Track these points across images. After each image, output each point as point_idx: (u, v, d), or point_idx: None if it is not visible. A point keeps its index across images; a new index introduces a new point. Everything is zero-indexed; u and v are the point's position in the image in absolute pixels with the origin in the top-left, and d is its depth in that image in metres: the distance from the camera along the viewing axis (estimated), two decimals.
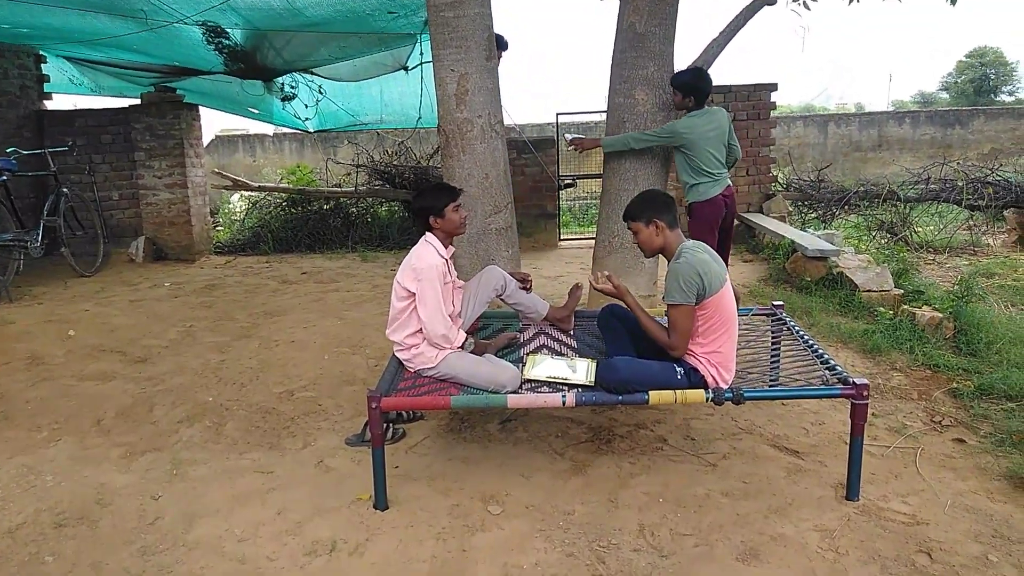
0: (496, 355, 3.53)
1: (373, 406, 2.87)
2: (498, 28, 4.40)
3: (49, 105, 8.03)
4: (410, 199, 3.38)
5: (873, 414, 3.68)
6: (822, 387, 2.97)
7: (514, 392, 3.11)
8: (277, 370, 4.39)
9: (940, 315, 4.65)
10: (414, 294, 3.20)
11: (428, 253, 3.25)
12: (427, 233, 3.36)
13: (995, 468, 3.19)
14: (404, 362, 3.33)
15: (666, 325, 3.05)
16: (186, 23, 5.89)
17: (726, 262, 4.75)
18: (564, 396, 2.89)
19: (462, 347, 3.32)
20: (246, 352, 4.69)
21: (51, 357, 4.59)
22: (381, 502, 2.95)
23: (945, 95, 34.45)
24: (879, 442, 3.45)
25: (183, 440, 3.59)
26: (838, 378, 2.99)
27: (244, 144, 16.07)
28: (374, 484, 2.94)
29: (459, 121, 4.31)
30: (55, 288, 6.35)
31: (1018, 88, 33.12)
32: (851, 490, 2.94)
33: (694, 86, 4.40)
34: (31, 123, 7.70)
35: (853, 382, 2.86)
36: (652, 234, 3.11)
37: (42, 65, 7.87)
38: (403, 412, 3.67)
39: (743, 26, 4.60)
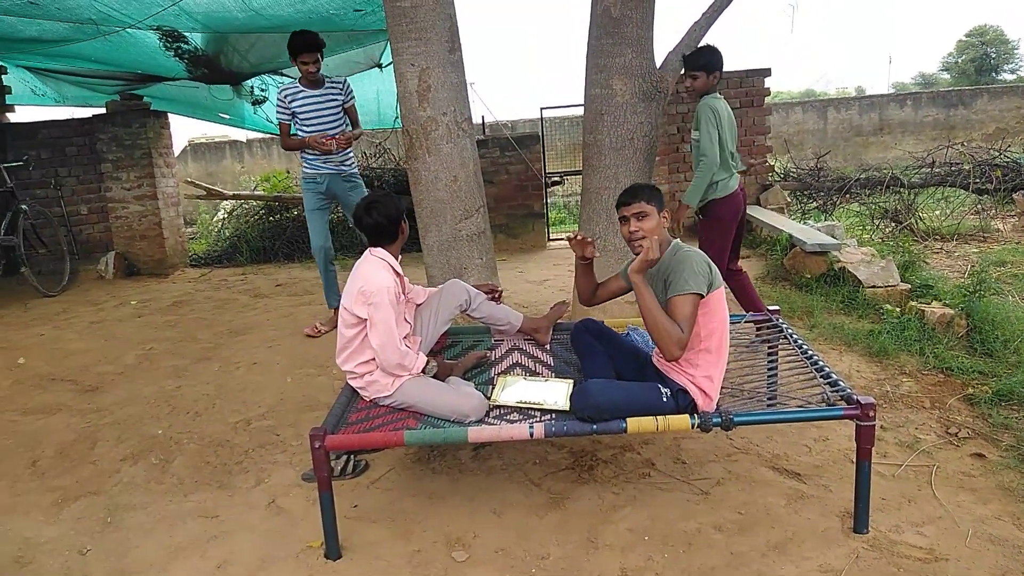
0: (464, 376, 3.22)
1: (316, 445, 2.54)
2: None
3: (12, 117, 7.71)
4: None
5: (882, 427, 3.34)
6: (823, 408, 2.63)
7: (479, 421, 2.79)
8: (235, 396, 4.07)
9: (951, 311, 4.31)
10: (364, 319, 2.87)
11: (378, 273, 2.91)
12: (374, 248, 3.02)
13: (1020, 488, 2.85)
14: (358, 390, 3.00)
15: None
16: (139, 28, 5.56)
17: (737, 261, 4.42)
18: (532, 428, 2.56)
19: (423, 371, 2.99)
20: (204, 376, 4.37)
21: None
22: (333, 551, 2.62)
23: (946, 75, 34.02)
24: (889, 460, 3.11)
25: (124, 481, 3.27)
26: (841, 396, 2.66)
27: (231, 150, 15.78)
28: (324, 531, 2.62)
29: (423, 120, 3.99)
30: (14, 310, 6.04)
31: (1020, 66, 32.72)
32: (859, 521, 2.60)
33: (720, 62, 4.06)
34: None
35: (857, 401, 2.53)
36: (661, 223, 2.81)
37: (2, 76, 7.54)
38: None
39: (727, 7, 4.25)
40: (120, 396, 4.15)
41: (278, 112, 4.83)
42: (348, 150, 4.96)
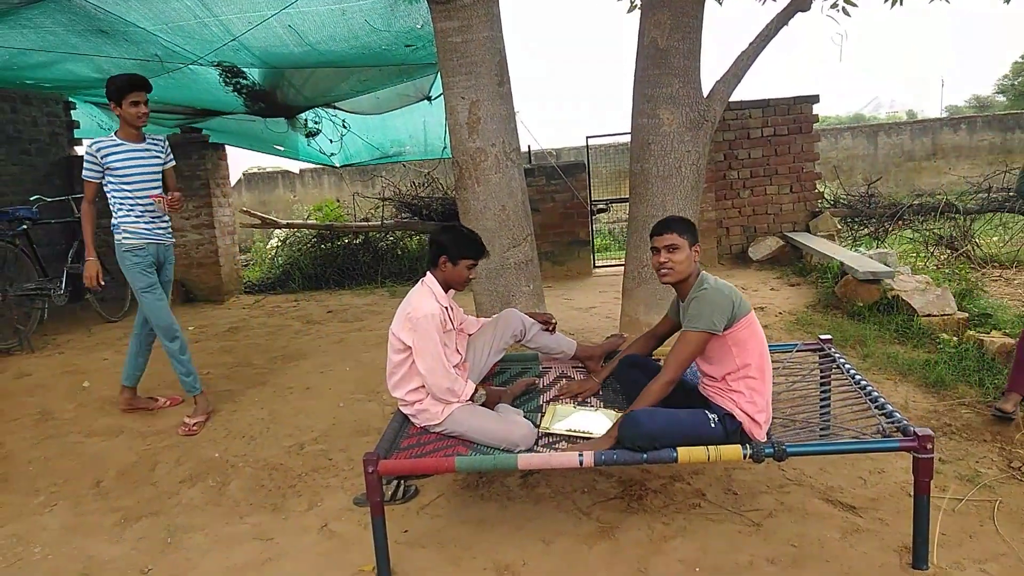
0: (512, 404, 3.24)
1: (370, 470, 2.59)
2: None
3: (79, 151, 8.07)
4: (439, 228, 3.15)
5: (940, 459, 3.26)
6: (878, 439, 2.58)
7: (528, 450, 2.81)
8: (288, 421, 4.15)
9: (1012, 341, 4.18)
10: (410, 346, 2.93)
11: (424, 300, 2.97)
12: (427, 275, 3.09)
13: None
14: (409, 417, 3.05)
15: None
16: (200, 64, 5.80)
17: None
18: (581, 456, 2.57)
19: (472, 399, 3.03)
20: (259, 401, 4.47)
21: (61, 411, 4.44)
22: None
23: (1002, 98, 33.10)
24: (949, 494, 3.02)
25: (183, 503, 3.36)
26: (897, 427, 2.61)
27: (284, 180, 16.18)
28: (376, 557, 2.66)
29: (472, 151, 4.07)
30: (79, 335, 6.28)
31: None
32: (918, 557, 2.53)
33: None
34: (60, 169, 7.75)
35: (915, 432, 2.48)
36: (691, 256, 2.84)
37: (72, 112, 7.92)
38: None
39: (775, 36, 4.26)
40: (178, 420, 4.26)
41: (87, 170, 3.98)
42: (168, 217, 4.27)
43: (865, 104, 48.98)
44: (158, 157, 4.14)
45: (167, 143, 4.27)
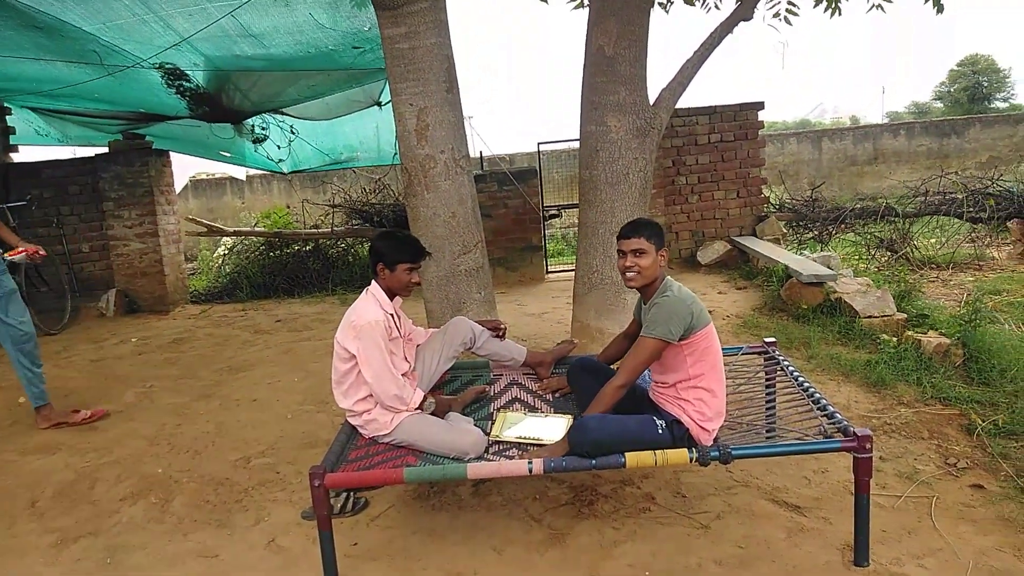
0: (463, 411, 3.23)
1: (316, 484, 2.55)
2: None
3: (15, 158, 7.80)
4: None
5: (881, 457, 3.35)
6: (819, 440, 2.64)
7: (479, 458, 2.80)
8: (235, 434, 4.06)
9: (948, 341, 4.33)
10: (355, 355, 2.89)
11: (368, 307, 2.94)
12: (372, 283, 3.06)
13: (1020, 518, 2.85)
14: (358, 428, 3.01)
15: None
16: (142, 67, 5.66)
17: None
18: (531, 464, 2.56)
19: (421, 408, 3.01)
20: (205, 414, 4.37)
21: None
22: None
23: (939, 104, 34.32)
24: (888, 491, 3.11)
25: (124, 521, 3.26)
26: (837, 428, 2.67)
27: (232, 186, 15.89)
28: (324, 570, 2.62)
29: (421, 158, 4.06)
30: None
31: (1012, 95, 32.99)
32: (859, 554, 2.59)
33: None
34: None
35: (854, 433, 2.53)
36: (658, 261, 2.84)
37: (7, 117, 7.65)
38: None
39: (719, 44, 4.34)
40: (120, 435, 4.15)
41: None
42: None
43: (811, 110, 50.20)
44: None
45: None
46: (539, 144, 8.74)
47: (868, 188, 15.90)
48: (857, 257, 7.80)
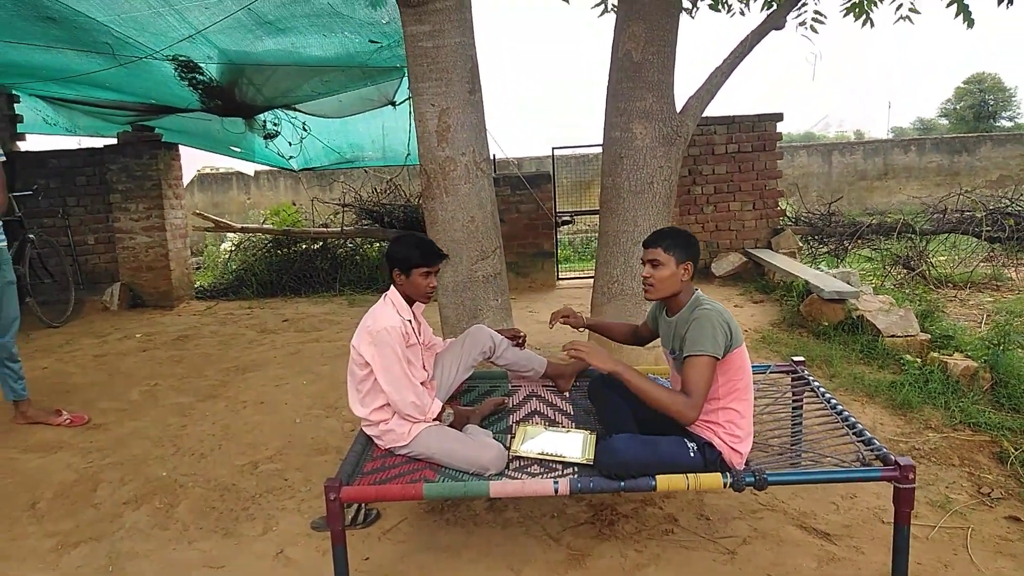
0: (481, 424, 3.12)
1: (332, 497, 2.43)
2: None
3: (22, 146, 7.69)
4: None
5: None
6: (860, 469, 2.53)
7: (499, 474, 2.69)
8: (242, 437, 3.95)
9: (975, 364, 4.21)
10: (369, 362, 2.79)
11: (385, 313, 2.84)
12: (390, 288, 2.96)
13: None
14: (373, 438, 2.90)
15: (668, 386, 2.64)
16: (155, 58, 5.56)
17: None
18: (556, 484, 2.45)
19: (439, 419, 2.90)
20: (210, 415, 4.25)
21: None
22: None
23: (944, 121, 34.28)
24: (921, 520, 2.99)
25: (126, 526, 3.14)
26: (877, 456, 2.56)
27: (238, 181, 15.80)
28: None
29: (441, 159, 3.94)
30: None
31: (1018, 113, 32.93)
32: None
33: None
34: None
35: (896, 462, 2.42)
36: (678, 274, 2.70)
37: (15, 105, 7.54)
38: None
39: (749, 52, 4.23)
40: (123, 434, 4.03)
41: None
42: None
43: (816, 122, 50.09)
44: None
45: None
46: (553, 149, 8.65)
47: (878, 203, 15.81)
48: (874, 275, 7.69)
